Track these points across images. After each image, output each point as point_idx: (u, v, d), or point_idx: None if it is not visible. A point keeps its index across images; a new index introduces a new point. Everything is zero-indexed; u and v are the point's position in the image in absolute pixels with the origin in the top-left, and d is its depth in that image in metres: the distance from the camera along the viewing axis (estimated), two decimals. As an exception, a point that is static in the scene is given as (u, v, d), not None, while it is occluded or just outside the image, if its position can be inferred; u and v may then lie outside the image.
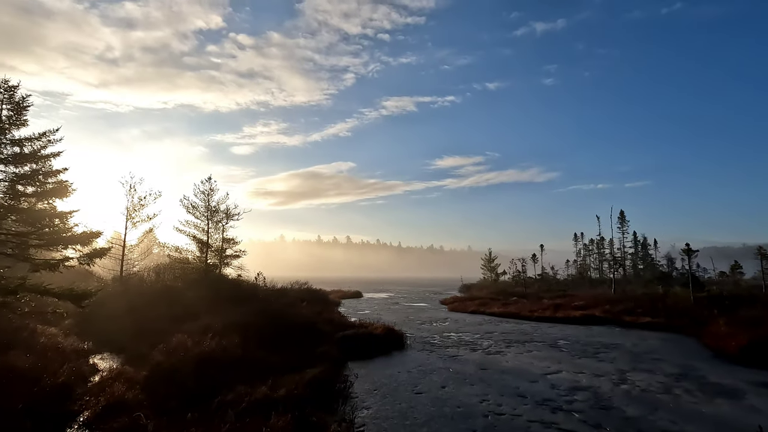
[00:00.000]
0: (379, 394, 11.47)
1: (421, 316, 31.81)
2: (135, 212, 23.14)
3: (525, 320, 29.63)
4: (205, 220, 25.48)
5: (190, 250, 25.85)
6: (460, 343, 19.63)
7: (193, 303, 20.11)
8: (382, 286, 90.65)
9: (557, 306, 32.55)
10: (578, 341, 20.62)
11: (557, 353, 17.58)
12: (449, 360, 16.03)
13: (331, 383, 11.55)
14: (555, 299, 37.54)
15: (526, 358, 16.60)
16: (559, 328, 25.82)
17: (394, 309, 37.58)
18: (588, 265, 68.34)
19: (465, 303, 38.88)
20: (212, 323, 15.82)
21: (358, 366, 14.69)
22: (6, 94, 13.14)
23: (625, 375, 13.93)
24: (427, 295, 58.93)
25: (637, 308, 28.90)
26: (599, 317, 28.49)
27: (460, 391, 11.85)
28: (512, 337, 21.59)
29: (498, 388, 12.28)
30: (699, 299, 28.36)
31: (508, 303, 37.12)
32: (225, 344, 12.91)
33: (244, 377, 10.69)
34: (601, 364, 15.51)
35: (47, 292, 12.84)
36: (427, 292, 66.97)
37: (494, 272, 66.70)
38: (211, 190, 25.50)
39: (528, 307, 33.49)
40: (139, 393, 9.62)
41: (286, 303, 22.25)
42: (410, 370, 14.28)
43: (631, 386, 12.57)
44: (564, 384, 12.74)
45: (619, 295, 37.18)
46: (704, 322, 22.74)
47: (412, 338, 20.48)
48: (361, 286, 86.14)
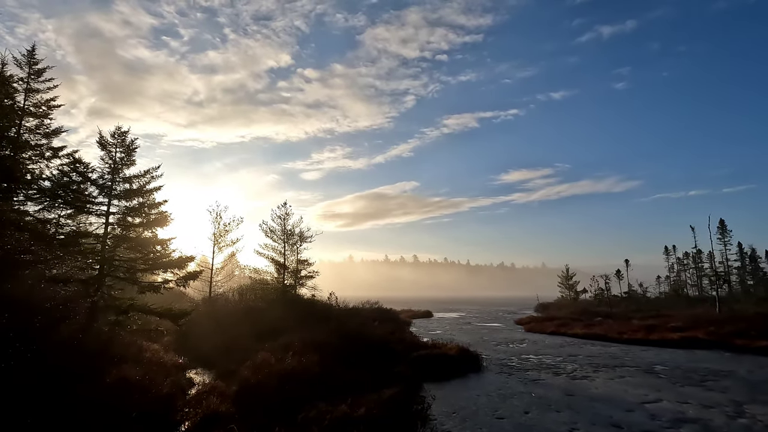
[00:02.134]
0: (458, 418, 11.13)
1: (495, 336, 30.54)
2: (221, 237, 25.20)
3: (613, 342, 27.17)
4: (282, 243, 27.00)
5: (269, 271, 27.44)
6: (541, 366, 18.49)
7: (273, 322, 21.19)
8: (452, 306, 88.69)
9: (650, 327, 29.50)
10: (679, 367, 18.45)
11: (654, 380, 15.86)
12: (530, 384, 15.15)
13: (408, 404, 11.44)
14: (647, 319, 34.16)
15: (617, 384, 15.19)
16: (655, 351, 23.32)
17: (466, 329, 36.50)
18: (683, 281, 61.46)
19: (543, 323, 36.66)
20: (291, 341, 16.54)
21: (434, 387, 14.40)
22: (119, 139, 15.21)
23: (741, 407, 12.17)
24: (501, 315, 56.49)
25: (751, 330, 25.24)
26: (703, 340, 25.32)
27: (545, 418, 11.13)
28: (599, 361, 19.90)
29: (588, 416, 11.34)
30: (831, 320, 24.15)
31: (592, 323, 34.36)
32: (305, 362, 13.40)
33: (323, 394, 10.98)
34: (710, 394, 13.70)
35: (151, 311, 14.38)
36: (500, 312, 64.25)
37: (573, 290, 62.39)
38: (286, 214, 27.08)
39: (615, 328, 30.74)
40: (230, 406, 10.28)
41: (359, 322, 22.63)
42: (489, 394, 13.71)
43: (751, 420, 10.95)
44: (666, 415, 11.44)
45: (725, 314, 32.85)
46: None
47: (488, 360, 19.69)
48: (430, 305, 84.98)
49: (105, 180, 14.91)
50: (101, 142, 15.00)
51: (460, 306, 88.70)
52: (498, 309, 74.36)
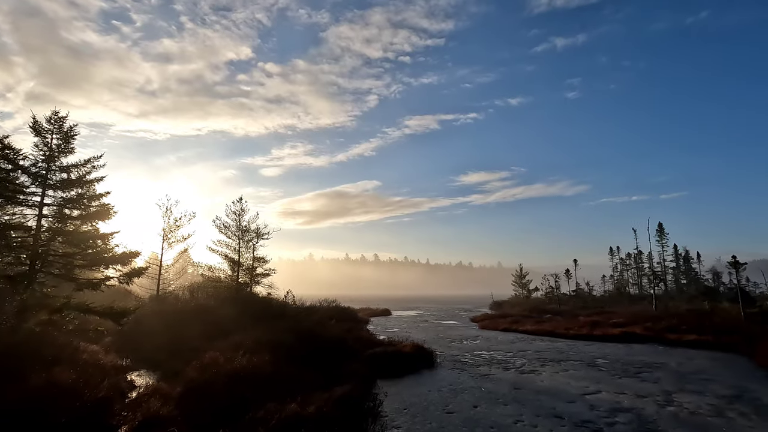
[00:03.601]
0: (409, 414, 11.24)
1: (451, 333, 31.18)
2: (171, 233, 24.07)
3: (560, 338, 28.50)
4: (237, 240, 26.18)
5: (222, 269, 26.53)
6: (492, 362, 19.07)
7: (225, 321, 20.51)
8: (411, 304, 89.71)
9: (594, 323, 31.21)
10: (618, 360, 19.62)
11: (596, 372, 16.77)
12: (481, 379, 15.57)
13: (360, 401, 11.42)
14: (592, 316, 36.12)
15: (562, 377, 15.92)
16: (597, 346, 24.68)
17: (423, 327, 37.02)
18: (626, 280, 65.49)
19: (496, 320, 37.86)
20: (243, 341, 16.06)
21: (388, 384, 14.48)
22: (55, 125, 14.12)
23: (671, 396, 13.10)
24: (457, 313, 57.78)
25: (682, 325, 27.30)
26: (640, 335, 27.08)
27: (493, 412, 11.46)
28: (547, 356, 20.79)
29: (533, 408, 11.79)
30: (750, 315, 26.57)
31: (542, 320, 35.90)
32: (256, 361, 13.05)
33: (275, 394, 10.74)
34: (644, 385, 14.66)
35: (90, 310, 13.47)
36: (457, 310, 65.70)
37: (526, 289, 64.86)
38: (242, 210, 26.26)
39: (563, 324, 32.26)
40: (173, 408, 9.81)
41: (315, 321, 22.36)
42: (441, 389, 13.95)
43: (678, 408, 11.80)
44: (604, 405, 12.11)
45: (661, 311, 35.32)
46: (757, 339, 21.19)
47: (442, 356, 20.06)
48: (390, 304, 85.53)
49: (39, 168, 13.80)
50: (35, 127, 13.87)
51: (419, 304, 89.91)
52: (455, 307, 76.00)
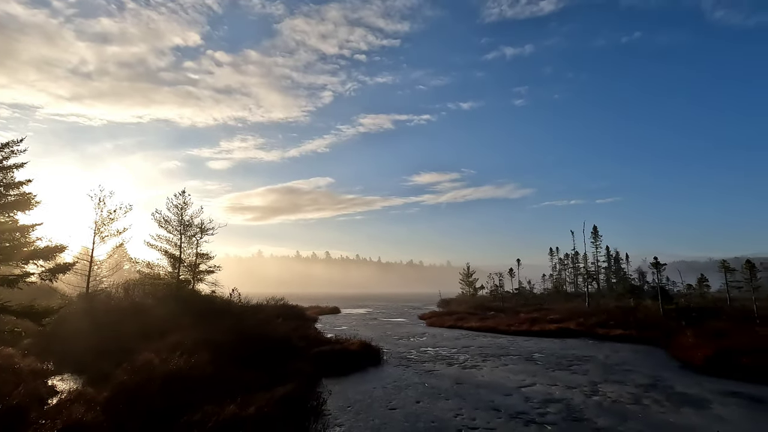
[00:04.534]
0: (352, 411, 11.27)
1: (398, 331, 31.62)
2: (104, 226, 22.39)
3: (502, 334, 29.80)
4: (178, 235, 24.89)
5: (162, 265, 25.13)
6: (437, 358, 19.57)
7: (163, 320, 19.45)
8: (361, 302, 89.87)
9: (533, 320, 32.92)
10: (553, 354, 20.85)
11: (532, 366, 17.72)
12: (425, 375, 15.93)
13: (303, 400, 11.30)
14: (531, 313, 38.01)
15: (501, 371, 16.66)
16: (535, 341, 26.07)
17: (372, 325, 37.24)
18: (563, 279, 69.60)
19: (443, 318, 38.89)
20: (182, 340, 15.32)
21: (333, 382, 14.43)
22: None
23: (597, 387, 14.12)
24: (406, 311, 58.68)
25: (610, 321, 29.52)
26: (574, 330, 28.94)
27: (434, 406, 11.77)
28: (489, 351, 21.66)
29: (473, 402, 12.25)
30: (668, 311, 29.21)
31: (486, 317, 37.34)
32: (194, 362, 12.50)
33: (214, 396, 10.35)
34: (575, 377, 15.69)
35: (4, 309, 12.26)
36: (406, 308, 66.73)
37: (472, 287, 67.12)
38: (184, 203, 25.00)
39: (505, 321, 33.75)
40: (99, 414, 9.17)
41: (260, 319, 21.80)
42: (385, 386, 14.11)
43: (602, 398, 12.75)
44: (538, 396, 12.82)
45: (592, 308, 37.93)
46: (672, 333, 23.38)
47: (388, 354, 20.30)
48: (340, 302, 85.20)
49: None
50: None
51: (370, 302, 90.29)
52: (405, 305, 77.12)
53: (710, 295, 44.52)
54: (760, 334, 18.35)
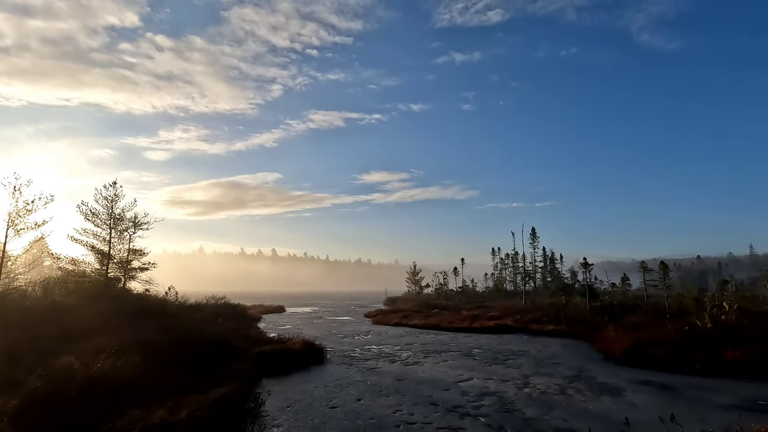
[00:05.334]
0: (291, 411, 11.13)
1: (344, 329, 31.59)
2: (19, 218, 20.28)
3: (444, 331, 30.72)
4: (107, 229, 23.12)
5: (88, 262, 23.21)
6: (380, 356, 19.80)
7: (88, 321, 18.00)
8: (308, 301, 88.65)
9: (474, 317, 34.24)
10: (491, 349, 21.83)
11: (471, 361, 18.44)
12: (368, 373, 16.07)
13: (240, 402, 10.99)
14: (473, 310, 39.48)
15: (441, 367, 17.19)
16: (475, 337, 27.15)
17: (317, 323, 36.89)
18: (504, 277, 72.99)
19: (388, 316, 39.38)
20: (109, 343, 14.28)
21: (274, 383, 14.16)
22: None
23: (528, 379, 15.00)
24: (352, 309, 58.73)
25: (543, 317, 31.41)
26: (511, 326, 30.46)
27: (375, 403, 11.91)
28: (431, 348, 22.25)
29: (412, 398, 12.54)
30: (594, 308, 31.59)
31: (430, 315, 38.28)
32: (121, 365, 11.72)
33: (142, 401, 9.79)
34: (509, 370, 16.55)
35: None
36: (353, 306, 66.78)
37: (418, 285, 68.52)
38: (115, 195, 23.26)
39: (448, 318, 34.81)
40: (7, 425, 8.34)
41: (198, 320, 20.86)
42: (327, 385, 14.07)
43: (532, 389, 13.56)
44: (474, 390, 13.38)
45: (529, 305, 40.13)
46: (597, 328, 25.34)
47: (332, 352, 20.23)
48: (286, 300, 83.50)
49: None
50: None
51: (316, 301, 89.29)
52: (351, 303, 77.13)
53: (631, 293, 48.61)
54: (669, 328, 20.37)
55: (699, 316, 20.78)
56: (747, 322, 20.11)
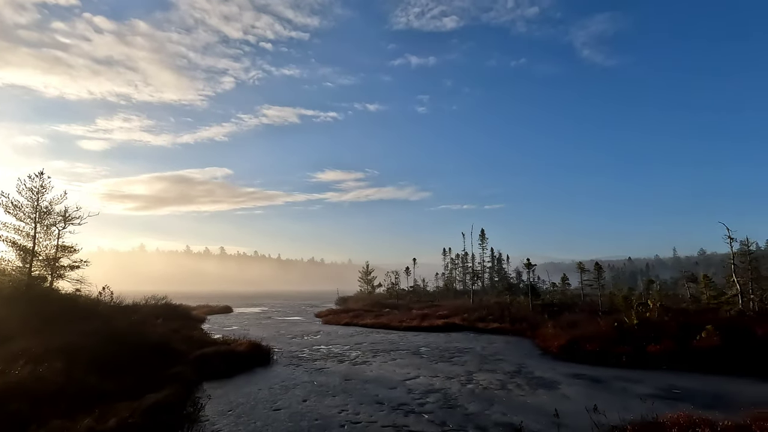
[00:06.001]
0: (233, 415, 10.77)
1: (293, 330, 31.04)
2: (-76, 210, 18.13)
3: (394, 330, 31.04)
4: (32, 223, 21.18)
5: (9, 259, 21.13)
6: (329, 356, 19.66)
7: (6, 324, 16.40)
8: (257, 300, 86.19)
9: (424, 316, 34.88)
10: (438, 347, 22.34)
11: (418, 360, 18.77)
12: (315, 373, 15.90)
13: (178, 408, 10.49)
14: (423, 309, 40.21)
15: (389, 366, 17.36)
16: (424, 336, 27.67)
17: (265, 324, 35.98)
18: (454, 277, 74.94)
19: (339, 315, 39.19)
20: (29, 347, 13.10)
21: (216, 386, 13.64)
22: None
23: (472, 376, 15.51)
24: (303, 309, 57.87)
25: (489, 316, 32.61)
26: (459, 325, 31.34)
27: (321, 404, 11.81)
28: (380, 347, 22.40)
29: (359, 397, 12.56)
30: (536, 306, 33.25)
31: (381, 314, 38.54)
32: (42, 371, 10.79)
33: (67, 410, 9.07)
34: (454, 368, 17.03)
35: None
36: (304, 306, 65.81)
37: (371, 284, 68.76)
38: (42, 186, 21.35)
39: (398, 317, 35.21)
40: None
41: (135, 321, 19.62)
42: (272, 387, 13.76)
43: (475, 385, 14.04)
44: (420, 388, 13.63)
45: (476, 304, 41.48)
46: (538, 325, 26.69)
47: (279, 353, 19.83)
48: (235, 300, 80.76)
49: None
50: None
51: (266, 300, 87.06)
52: (303, 303, 75.98)
53: (570, 292, 51.65)
54: (601, 325, 21.86)
55: (627, 314, 22.46)
56: (668, 319, 22.01)
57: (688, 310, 26.44)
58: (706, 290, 30.56)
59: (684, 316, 22.67)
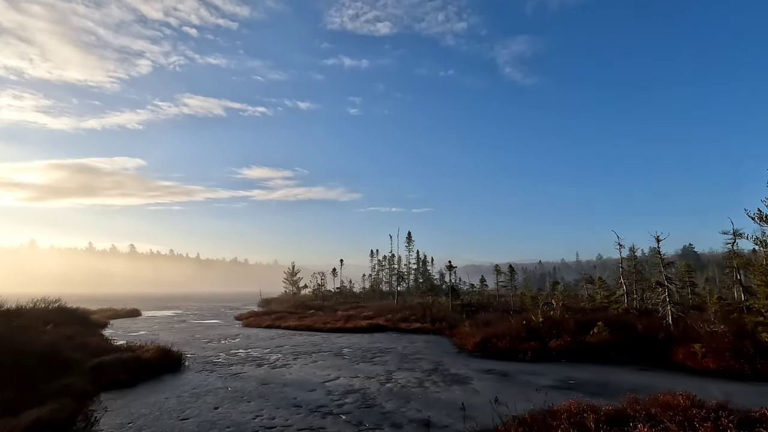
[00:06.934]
0: (133, 427, 9.90)
1: (209, 333, 29.34)
2: None
3: (318, 332, 30.70)
4: None
5: None
6: (247, 360, 18.88)
7: None
8: (172, 303, 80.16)
9: (349, 317, 34.97)
10: (360, 348, 22.51)
11: (340, 361, 18.75)
12: (230, 378, 15.18)
13: (66, 423, 9.40)
14: (348, 311, 40.29)
15: (310, 368, 17.12)
16: (348, 337, 27.71)
17: (178, 328, 33.57)
18: (380, 279, 76.08)
19: (261, 318, 37.83)
20: None
21: (115, 397, 12.44)
22: None
23: (391, 375, 15.84)
24: (223, 311, 54.95)
25: (412, 316, 33.59)
26: (382, 326, 31.87)
27: (234, 411, 11.30)
28: (302, 350, 22.01)
29: (275, 401, 12.23)
30: (455, 306, 34.91)
31: (305, 316, 37.91)
32: None
33: None
34: (375, 368, 17.27)
35: None
36: (224, 308, 62.53)
37: (296, 286, 67.35)
38: None
39: (323, 319, 34.89)
40: None
41: (17, 327, 17.24)
42: (181, 395, 12.88)
43: (394, 384, 14.36)
44: (339, 389, 13.62)
45: (400, 305, 42.50)
46: (456, 325, 28.04)
47: (192, 359, 18.63)
48: (145, 303, 74.40)
49: None
50: None
51: (182, 303, 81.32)
52: (223, 305, 72.19)
53: (487, 293, 55.03)
54: (511, 323, 23.57)
55: (534, 312, 24.48)
56: (568, 316, 24.36)
57: (585, 308, 29.51)
58: (600, 291, 34.33)
59: (581, 314, 25.26)
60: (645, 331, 20.48)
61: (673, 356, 17.86)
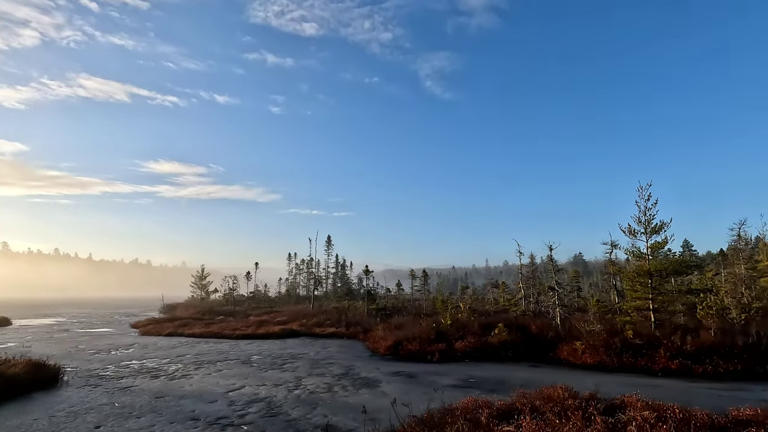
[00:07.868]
0: (-14, 456, 8.49)
1: (97, 344, 26.24)
2: None
3: (226, 339, 29.06)
4: None
5: None
6: (140, 372, 17.22)
7: None
8: (54, 310, 70.28)
9: (261, 322, 33.65)
10: (271, 355, 21.76)
11: (247, 369, 17.93)
12: (118, 393, 13.71)
13: None
14: (261, 316, 38.78)
15: (213, 378, 16.13)
16: (258, 344, 26.61)
17: (58, 338, 29.54)
18: (298, 282, 74.40)
19: (162, 325, 34.76)
20: None
21: (-35, 422, 10.55)
22: None
23: (301, 381, 15.53)
24: (117, 318, 49.52)
25: (327, 321, 33.35)
26: (296, 331, 31.17)
27: (119, 428, 10.22)
28: (206, 358, 20.66)
29: (170, 415, 11.30)
30: (371, 310, 35.35)
31: (213, 322, 35.69)
32: None
33: None
34: (284, 374, 16.80)
35: None
36: (118, 314, 56.40)
37: (205, 290, 63.11)
38: None
39: (232, 325, 33.13)
40: None
41: None
42: (55, 414, 11.34)
43: (302, 391, 14.09)
44: (243, 399, 13.01)
45: (316, 310, 41.95)
46: (371, 329, 28.40)
47: (73, 373, 16.52)
48: (19, 310, 64.42)
49: None
50: None
51: (67, 310, 71.73)
52: (117, 311, 65.11)
53: (403, 297, 56.62)
54: (422, 326, 24.52)
55: (443, 315, 25.71)
56: (473, 319, 25.98)
57: (489, 311, 31.74)
58: (504, 294, 37.20)
59: (485, 317, 27.12)
60: (537, 332, 22.58)
61: (560, 353, 19.92)
